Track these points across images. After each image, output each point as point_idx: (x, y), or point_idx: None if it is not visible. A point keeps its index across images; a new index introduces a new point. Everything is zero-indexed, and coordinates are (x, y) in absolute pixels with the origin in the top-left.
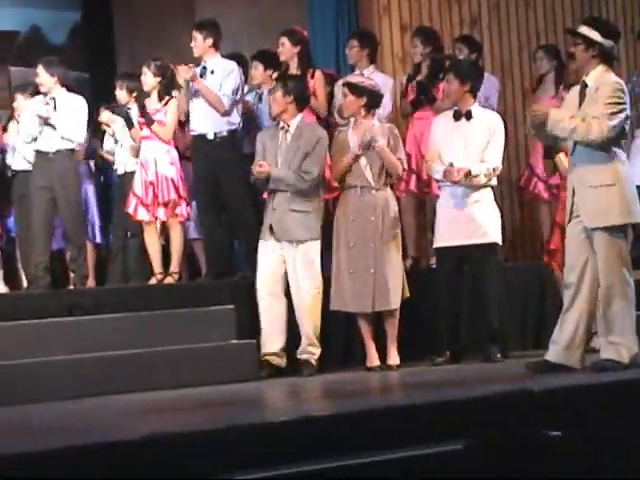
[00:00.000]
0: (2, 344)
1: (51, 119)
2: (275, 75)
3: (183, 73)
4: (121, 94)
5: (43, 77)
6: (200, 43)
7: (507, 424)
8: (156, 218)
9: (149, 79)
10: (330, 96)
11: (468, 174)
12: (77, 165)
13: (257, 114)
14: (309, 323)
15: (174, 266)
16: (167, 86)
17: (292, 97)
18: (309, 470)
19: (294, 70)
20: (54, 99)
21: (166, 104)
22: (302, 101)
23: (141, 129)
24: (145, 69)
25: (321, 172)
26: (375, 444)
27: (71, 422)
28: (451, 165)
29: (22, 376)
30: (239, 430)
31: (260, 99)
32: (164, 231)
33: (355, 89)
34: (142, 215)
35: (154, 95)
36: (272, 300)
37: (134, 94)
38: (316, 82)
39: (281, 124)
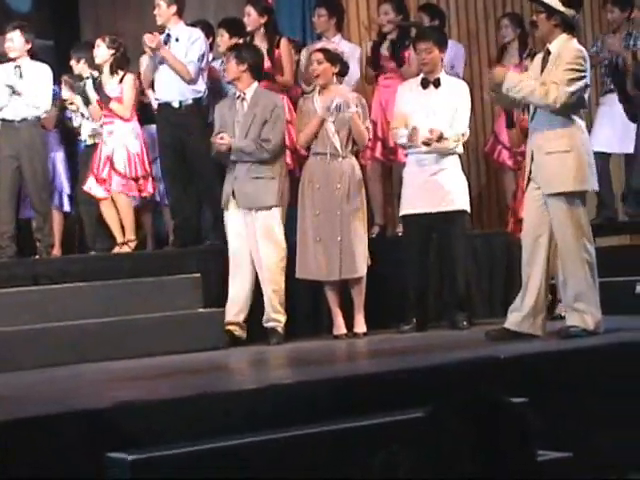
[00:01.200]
0: None
1: (17, 86)
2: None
3: (148, 41)
4: (77, 67)
5: (18, 42)
6: (164, 11)
7: (473, 391)
8: (111, 193)
9: (102, 52)
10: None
11: (440, 137)
12: (44, 133)
13: (223, 82)
14: (272, 291)
15: (128, 233)
16: (120, 60)
17: (246, 65)
18: (275, 438)
19: (260, 39)
20: (19, 66)
21: (121, 80)
22: (257, 70)
23: (101, 107)
24: (99, 41)
25: (281, 139)
26: (341, 412)
27: (37, 391)
28: (414, 128)
29: None
30: (206, 398)
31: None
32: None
33: (330, 56)
34: (98, 192)
35: (106, 69)
36: (237, 270)
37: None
38: (282, 51)
39: (237, 93)
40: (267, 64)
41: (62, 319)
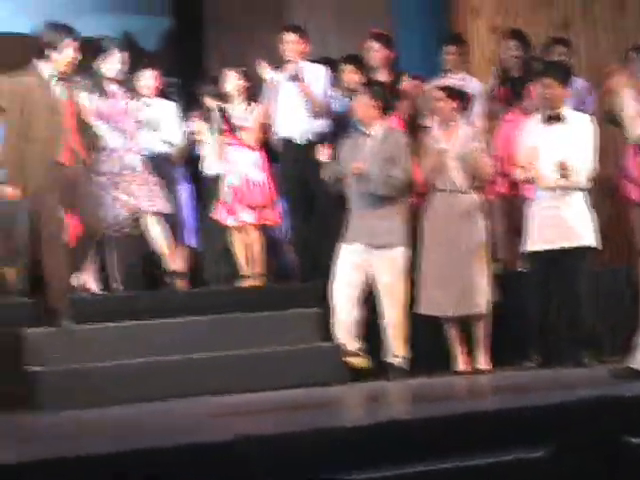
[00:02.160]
0: (93, 346)
1: (152, 123)
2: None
3: (264, 72)
4: (208, 101)
5: (149, 81)
6: (292, 46)
7: (596, 431)
8: (242, 223)
9: (232, 82)
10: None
11: (565, 168)
12: (173, 169)
13: (345, 118)
14: (396, 326)
15: (258, 268)
16: (249, 91)
17: (378, 102)
18: (393, 475)
19: (383, 74)
20: (150, 104)
21: (249, 110)
22: (387, 107)
23: (226, 136)
24: (229, 72)
25: (409, 177)
26: (460, 450)
27: (158, 423)
28: (562, 163)
29: (113, 377)
30: (324, 433)
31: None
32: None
33: (450, 92)
34: (229, 221)
35: (238, 99)
36: (350, 301)
37: (219, 100)
38: (404, 87)
39: (364, 129)
40: None
41: (185, 352)
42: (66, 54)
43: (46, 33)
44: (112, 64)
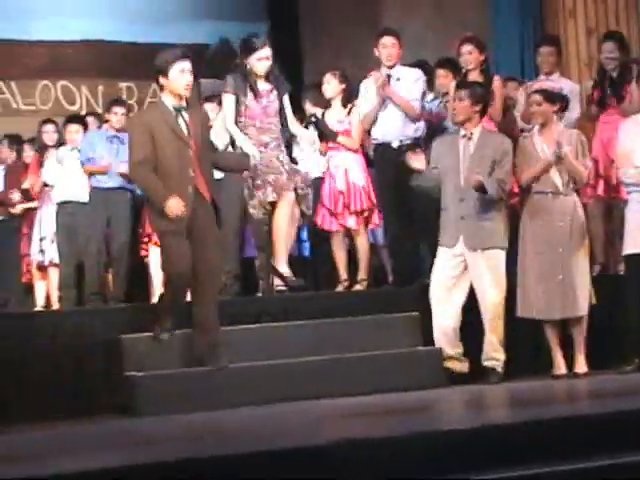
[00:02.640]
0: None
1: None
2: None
3: (374, 80)
4: (309, 107)
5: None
6: (392, 50)
7: None
8: (345, 227)
9: (334, 87)
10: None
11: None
12: None
13: (439, 122)
14: (494, 330)
15: (362, 273)
16: (349, 94)
17: (479, 105)
18: (492, 479)
19: (475, 77)
20: None
21: (349, 113)
22: (485, 109)
23: (327, 142)
24: (330, 77)
25: (511, 181)
26: (560, 454)
27: (262, 427)
28: None
29: (215, 382)
30: (423, 437)
31: (445, 106)
32: (351, 239)
33: (548, 95)
34: (330, 225)
35: (337, 103)
36: (449, 304)
37: (320, 105)
38: (495, 88)
39: (462, 132)
40: None
41: (284, 356)
42: (176, 78)
43: (156, 60)
44: (263, 61)
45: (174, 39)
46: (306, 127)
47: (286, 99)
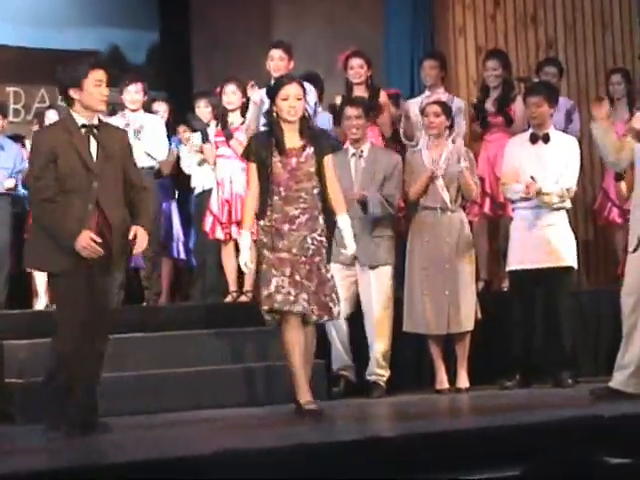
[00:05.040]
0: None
1: (140, 133)
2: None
3: (248, 92)
4: (205, 111)
5: (135, 94)
6: (280, 63)
7: (572, 450)
8: (231, 237)
9: (237, 97)
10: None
11: (539, 192)
12: (158, 182)
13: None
14: (379, 345)
15: (248, 285)
16: (247, 105)
17: (369, 123)
18: None
19: (361, 91)
20: (136, 117)
21: (244, 123)
22: (367, 124)
23: (217, 147)
24: (234, 87)
25: (400, 196)
26: (439, 467)
27: (139, 437)
28: (532, 178)
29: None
30: (306, 449)
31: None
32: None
33: (445, 109)
34: (218, 234)
35: (236, 114)
36: (341, 322)
37: (215, 112)
38: (382, 101)
39: (352, 150)
40: None
41: (166, 366)
42: (92, 91)
43: (67, 70)
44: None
45: (63, 44)
46: (194, 131)
47: (327, 162)
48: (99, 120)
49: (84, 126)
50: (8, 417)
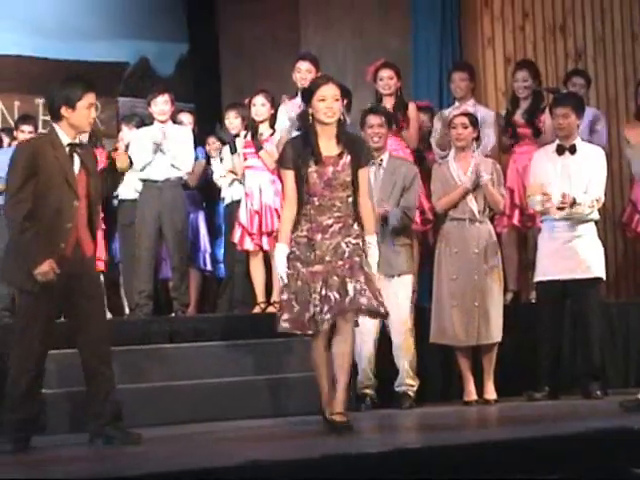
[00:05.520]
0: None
1: (163, 146)
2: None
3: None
4: (235, 122)
5: (164, 106)
6: (307, 75)
7: (602, 461)
8: (260, 248)
9: (266, 110)
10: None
11: (573, 202)
12: (186, 193)
13: None
14: (406, 356)
15: (276, 296)
16: (275, 117)
17: (389, 131)
18: None
19: (390, 102)
20: (164, 128)
21: (273, 134)
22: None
23: (245, 159)
24: (263, 99)
25: (417, 207)
26: (469, 479)
27: (170, 448)
28: (545, 194)
29: (123, 401)
30: (333, 460)
31: None
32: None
33: (473, 120)
34: (247, 245)
35: (265, 125)
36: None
37: (244, 123)
38: (410, 113)
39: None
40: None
41: (194, 377)
42: (83, 113)
43: (62, 89)
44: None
45: (94, 57)
46: (223, 142)
47: (363, 173)
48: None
49: (69, 145)
50: (43, 427)
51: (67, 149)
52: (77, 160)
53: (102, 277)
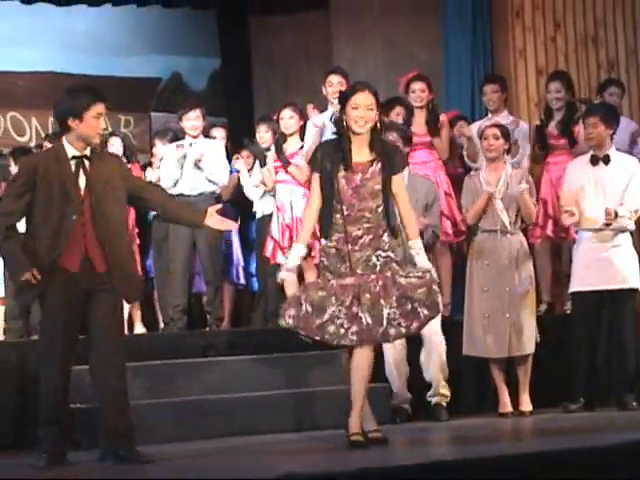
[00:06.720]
0: (138, 383)
1: (201, 162)
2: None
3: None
4: (266, 136)
5: (197, 121)
6: (336, 88)
7: (637, 473)
8: None
9: (294, 122)
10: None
11: (616, 215)
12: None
13: None
14: (438, 366)
15: None
16: (304, 129)
17: (406, 147)
18: None
19: (422, 115)
20: (197, 144)
21: (302, 147)
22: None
23: (276, 173)
24: (290, 112)
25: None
26: None
27: (207, 461)
28: (607, 212)
29: (158, 415)
30: (371, 473)
31: None
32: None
33: (504, 131)
34: (279, 258)
35: (295, 138)
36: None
37: (275, 137)
38: (442, 125)
39: None
40: (428, 138)
41: (228, 391)
42: (91, 124)
43: (69, 100)
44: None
45: (127, 72)
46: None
47: (398, 180)
48: (92, 150)
49: (74, 157)
50: (73, 442)
51: (73, 163)
52: (82, 174)
53: None
